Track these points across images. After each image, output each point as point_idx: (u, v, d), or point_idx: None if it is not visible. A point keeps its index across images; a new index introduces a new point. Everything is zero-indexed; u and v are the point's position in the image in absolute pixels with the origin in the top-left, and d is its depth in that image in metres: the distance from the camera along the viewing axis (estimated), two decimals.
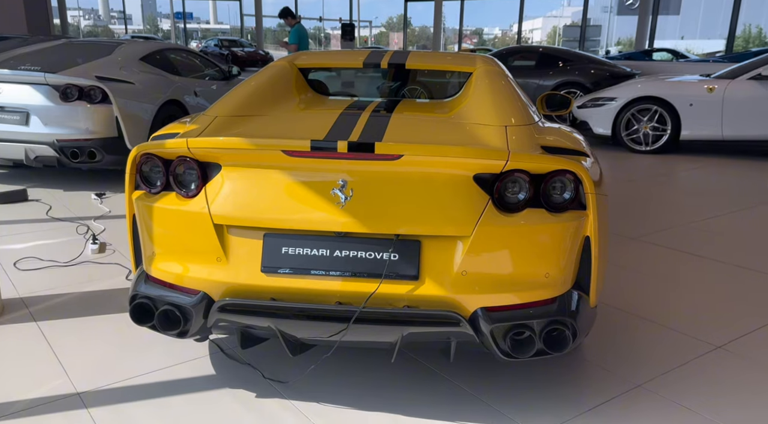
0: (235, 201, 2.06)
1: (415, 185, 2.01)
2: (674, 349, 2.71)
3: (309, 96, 2.98)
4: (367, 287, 2.00)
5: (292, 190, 2.04)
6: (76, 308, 3.01)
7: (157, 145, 2.15)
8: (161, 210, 2.15)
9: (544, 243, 2.05)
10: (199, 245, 2.09)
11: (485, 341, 2.04)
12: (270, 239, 2.05)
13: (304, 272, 2.03)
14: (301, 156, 2.01)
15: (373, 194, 2.01)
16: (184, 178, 2.15)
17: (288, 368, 2.48)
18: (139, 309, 2.18)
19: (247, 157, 2.06)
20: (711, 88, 7.14)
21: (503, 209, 2.03)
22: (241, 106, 2.54)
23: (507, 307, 2.04)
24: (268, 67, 3.01)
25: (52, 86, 5.11)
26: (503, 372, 2.48)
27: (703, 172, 6.69)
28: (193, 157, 2.11)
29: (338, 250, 2.03)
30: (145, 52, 6.08)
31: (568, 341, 2.07)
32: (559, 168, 2.03)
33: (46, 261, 3.63)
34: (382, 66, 3.04)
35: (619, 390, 2.38)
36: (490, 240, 2.00)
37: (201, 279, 2.09)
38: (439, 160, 1.99)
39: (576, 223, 2.08)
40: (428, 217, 1.99)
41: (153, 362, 2.51)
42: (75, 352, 2.59)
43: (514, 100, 2.55)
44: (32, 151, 5.16)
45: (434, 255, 2.01)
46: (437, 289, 2.00)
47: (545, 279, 2.06)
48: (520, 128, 2.28)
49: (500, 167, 1.99)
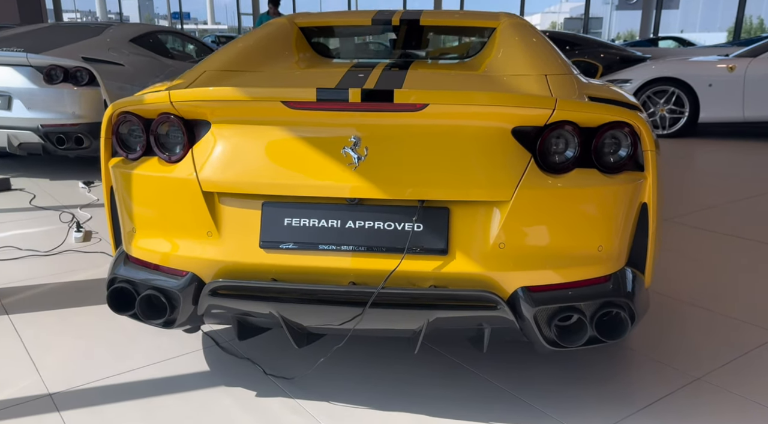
0: (227, 164, 1.73)
1: (443, 142, 1.68)
2: (732, 337, 2.38)
3: (309, 55, 2.64)
4: (385, 264, 1.67)
5: (295, 149, 1.71)
6: (54, 300, 2.68)
7: (135, 101, 1.83)
8: (141, 178, 1.82)
9: (597, 210, 1.72)
10: (186, 218, 1.76)
11: (527, 327, 1.71)
12: (270, 208, 1.72)
13: (310, 247, 1.70)
14: (306, 108, 1.67)
15: (392, 153, 1.68)
16: (168, 139, 1.82)
17: (293, 362, 2.15)
18: (117, 295, 1.86)
19: (241, 111, 1.73)
20: (731, 67, 6.80)
21: (548, 169, 1.69)
22: (233, 60, 2.20)
23: (553, 286, 1.71)
24: (265, 25, 2.67)
25: (36, 67, 4.78)
26: (540, 367, 2.15)
27: (725, 155, 6.35)
28: (178, 114, 1.77)
29: (351, 220, 1.70)
30: (135, 33, 5.74)
31: (625, 326, 1.74)
32: (615, 120, 1.70)
33: (24, 250, 3.30)
34: (393, 23, 2.70)
35: (677, 385, 2.05)
36: (532, 206, 1.67)
37: (189, 258, 1.76)
38: (470, 110, 1.66)
39: (633, 186, 1.75)
40: (458, 179, 1.66)
41: (138, 358, 2.18)
42: (49, 348, 2.27)
43: (549, 49, 2.22)
44: (15, 137, 4.83)
45: (466, 225, 1.68)
46: (470, 265, 1.67)
47: (598, 253, 1.73)
48: (563, 77, 1.95)
49: (545, 118, 1.66)
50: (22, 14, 16.26)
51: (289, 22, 2.68)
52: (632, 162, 1.76)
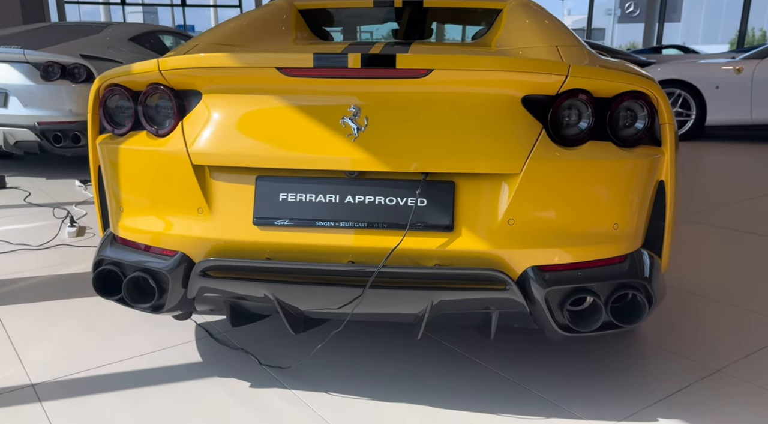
0: (219, 137, 1.63)
1: (448, 111, 1.58)
2: (751, 330, 2.27)
3: (307, 35, 2.55)
4: (387, 242, 1.57)
5: (291, 120, 1.61)
6: (42, 292, 2.58)
7: (123, 72, 1.74)
8: (129, 153, 1.72)
9: (612, 185, 1.61)
10: (175, 194, 1.66)
11: (537, 310, 1.60)
12: (264, 183, 1.62)
13: (307, 223, 1.59)
14: (302, 75, 1.58)
15: (394, 123, 1.58)
16: (157, 112, 1.72)
17: (289, 351, 2.04)
18: (104, 278, 1.75)
19: (234, 79, 1.63)
20: (739, 69, 6.71)
21: (560, 141, 1.59)
22: (227, 36, 2.11)
23: (565, 266, 1.60)
24: (263, 6, 2.58)
25: (32, 64, 4.70)
26: (548, 358, 2.03)
27: (734, 157, 6.24)
28: (167, 84, 1.68)
29: (350, 195, 1.59)
30: (134, 33, 5.68)
31: (642, 309, 1.63)
32: (630, 89, 1.60)
33: (15, 245, 3.20)
34: (396, 5, 2.61)
35: (696, 376, 1.94)
36: (543, 179, 1.56)
37: (178, 236, 1.65)
38: (477, 76, 1.56)
39: (649, 160, 1.64)
40: (464, 151, 1.56)
41: (127, 350, 2.08)
42: (34, 339, 2.16)
43: (559, 24, 2.12)
44: (11, 135, 4.75)
45: (473, 199, 1.58)
46: (477, 242, 1.56)
47: (613, 231, 1.62)
48: (574, 47, 1.85)
49: (557, 86, 1.56)
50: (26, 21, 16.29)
51: (287, 3, 2.59)
52: (649, 135, 1.66)
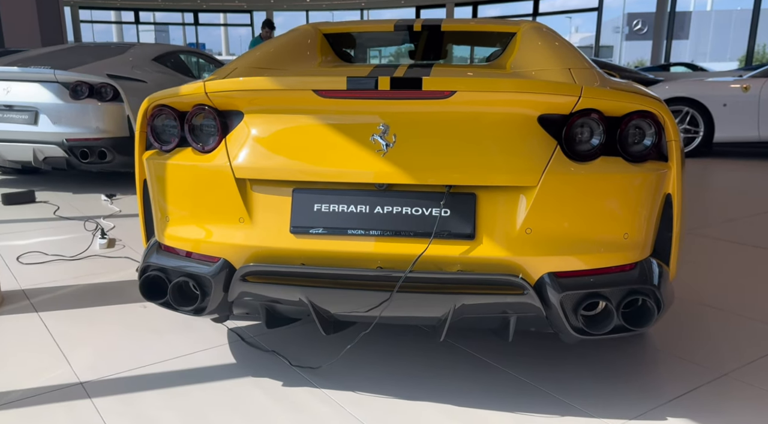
0: (259, 153, 1.78)
1: (470, 129, 1.72)
2: (757, 338, 2.37)
3: (331, 58, 2.71)
4: (413, 249, 1.70)
5: (326, 137, 1.76)
6: (81, 300, 2.73)
7: (170, 94, 1.89)
8: (176, 167, 1.87)
9: (622, 197, 1.75)
10: (218, 205, 1.81)
11: (553, 314, 1.73)
12: (300, 194, 1.76)
13: (339, 232, 1.73)
14: (336, 97, 1.73)
15: (420, 140, 1.72)
16: (202, 130, 1.88)
17: (318, 353, 2.17)
18: (150, 282, 1.90)
19: (273, 100, 1.78)
20: (746, 87, 6.84)
21: (574, 157, 1.73)
22: (262, 59, 2.28)
23: (579, 272, 1.73)
24: (290, 31, 2.75)
25: (62, 84, 4.91)
26: (562, 362, 2.15)
27: (742, 173, 6.34)
28: (212, 105, 1.83)
29: (379, 206, 1.73)
30: (158, 52, 5.89)
31: (652, 314, 1.75)
32: (639, 108, 1.74)
33: (50, 255, 3.36)
34: (415, 28, 2.77)
35: (704, 380, 2.04)
36: (559, 191, 1.70)
37: (221, 244, 1.80)
38: (497, 97, 1.71)
39: (657, 175, 1.77)
40: (485, 165, 1.70)
41: (164, 352, 2.21)
42: (78, 342, 2.30)
43: (571, 48, 2.27)
44: (41, 151, 4.94)
45: (493, 210, 1.71)
46: (497, 250, 1.69)
47: (624, 240, 1.75)
48: (586, 70, 2.00)
49: (570, 106, 1.70)
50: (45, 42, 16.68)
51: (313, 28, 2.76)
52: (656, 152, 1.79)
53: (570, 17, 34.37)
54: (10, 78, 4.97)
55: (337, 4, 29.76)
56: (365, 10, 30.69)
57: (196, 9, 31.17)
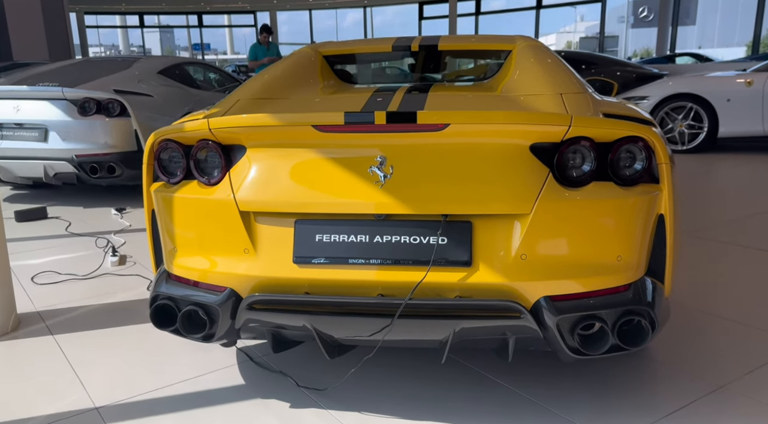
0: (262, 186, 1.84)
1: (464, 159, 1.78)
2: (755, 346, 2.42)
3: (333, 82, 2.78)
4: (412, 276, 1.76)
5: (325, 170, 1.82)
6: (94, 321, 2.81)
7: (175, 129, 1.96)
8: (182, 200, 1.94)
9: (615, 221, 1.80)
10: (224, 237, 1.87)
11: (550, 336, 1.78)
12: (302, 226, 1.83)
13: (341, 261, 1.80)
14: (334, 131, 1.79)
15: (416, 171, 1.78)
16: (206, 164, 1.94)
17: (324, 374, 2.23)
18: (160, 312, 1.96)
19: (274, 135, 1.85)
20: (749, 81, 6.83)
21: (566, 183, 1.78)
22: (264, 89, 2.34)
23: (574, 295, 1.78)
24: (291, 54, 2.81)
25: (70, 101, 5.00)
26: (563, 377, 2.21)
27: (747, 169, 6.35)
28: (216, 139, 1.90)
29: (379, 235, 1.79)
30: (163, 65, 5.97)
31: (646, 333, 1.80)
32: (629, 135, 1.78)
33: (64, 275, 3.44)
34: (413, 49, 2.83)
35: (700, 393, 2.09)
36: (552, 218, 1.75)
37: (227, 274, 1.87)
38: (489, 128, 1.76)
39: (649, 197, 1.82)
40: (480, 194, 1.75)
41: (176, 374, 2.29)
42: (93, 365, 2.38)
43: (564, 69, 2.32)
44: (51, 168, 5.04)
45: (488, 237, 1.77)
46: (493, 276, 1.75)
47: (617, 263, 1.80)
48: (577, 95, 2.04)
49: (561, 134, 1.75)
50: (51, 49, 16.84)
51: (313, 51, 2.82)
52: (647, 175, 1.83)
53: (575, 7, 34.11)
54: (19, 96, 5.06)
55: (340, 2, 29.76)
56: (368, 8, 30.68)
57: (199, 11, 31.32)
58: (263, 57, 9.46)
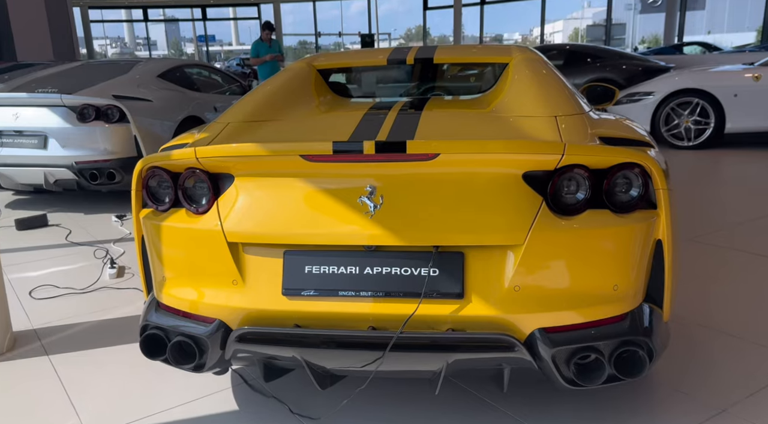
0: (250, 216, 1.81)
1: (455, 188, 1.74)
2: (758, 365, 2.37)
3: (329, 98, 2.74)
4: (404, 309, 1.73)
5: (314, 200, 1.78)
6: (90, 339, 2.79)
7: (163, 157, 1.92)
8: (170, 229, 1.91)
9: (611, 250, 1.75)
10: (212, 267, 1.84)
11: (545, 367, 1.75)
12: (291, 257, 1.79)
13: (330, 293, 1.76)
14: (323, 161, 1.75)
15: (407, 201, 1.74)
16: (194, 192, 1.91)
17: (318, 400, 2.21)
18: (150, 341, 1.94)
19: (262, 165, 1.81)
20: (757, 76, 6.72)
21: (560, 212, 1.73)
22: (255, 111, 2.30)
23: (570, 327, 1.74)
24: (285, 70, 2.77)
25: (69, 107, 4.97)
26: (563, 400, 2.17)
27: (754, 167, 6.26)
28: (203, 168, 1.86)
29: (369, 267, 1.76)
30: (162, 69, 5.93)
31: (644, 364, 1.76)
32: (624, 161, 1.73)
33: (62, 288, 3.43)
34: (408, 62, 2.77)
35: (701, 417, 2.06)
36: (546, 248, 1.71)
37: (216, 305, 1.84)
38: (480, 157, 1.72)
39: (646, 224, 1.77)
40: (472, 224, 1.71)
41: (171, 398, 2.27)
42: (87, 389, 2.36)
43: (560, 88, 2.26)
44: (51, 174, 5.02)
45: (481, 269, 1.73)
46: (486, 308, 1.71)
47: (614, 292, 1.76)
48: (572, 118, 1.99)
49: (555, 163, 1.70)
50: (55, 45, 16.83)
51: (307, 65, 2.77)
52: (644, 201, 1.79)
53: None
54: (18, 103, 5.05)
55: None
56: None
57: (203, 4, 31.19)
58: (265, 54, 9.41)
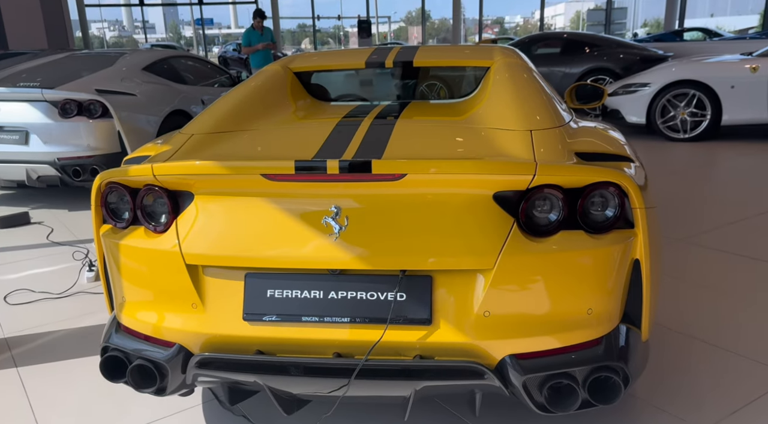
0: (210, 236, 1.73)
1: (423, 210, 1.66)
2: (742, 379, 2.31)
3: (307, 102, 2.65)
4: (369, 335, 1.66)
5: (277, 220, 1.70)
6: (62, 350, 2.73)
7: (120, 172, 1.84)
8: (128, 248, 1.83)
9: (585, 272, 1.68)
10: (171, 290, 1.77)
11: (517, 393, 1.68)
12: (252, 280, 1.72)
13: (293, 318, 1.69)
14: (285, 180, 1.67)
15: (373, 222, 1.66)
16: (153, 209, 1.83)
17: (289, 419, 2.15)
18: (110, 363, 1.87)
19: (222, 183, 1.73)
20: (754, 67, 6.61)
21: (532, 233, 1.66)
22: (223, 120, 2.21)
23: (542, 353, 1.67)
24: (259, 73, 2.67)
25: (51, 102, 4.87)
26: (541, 418, 2.11)
27: (750, 160, 6.17)
28: (161, 185, 1.78)
29: (333, 291, 1.69)
30: (148, 61, 5.82)
31: (618, 389, 1.69)
32: (599, 180, 1.65)
33: (38, 293, 3.37)
34: (387, 65, 2.68)
35: None
36: (517, 272, 1.63)
37: (175, 330, 1.77)
38: (449, 178, 1.64)
39: (622, 245, 1.70)
40: (440, 247, 1.64)
41: (141, 415, 2.21)
42: (54, 404, 2.30)
43: (539, 98, 2.17)
44: (33, 171, 4.94)
45: (449, 293, 1.66)
46: (455, 334, 1.64)
47: (587, 316, 1.69)
48: (548, 132, 1.91)
49: (526, 183, 1.62)
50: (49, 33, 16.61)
51: (283, 68, 2.68)
52: (621, 220, 1.71)
53: None
54: None
55: None
56: None
57: None
58: (257, 42, 9.27)
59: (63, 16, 17.48)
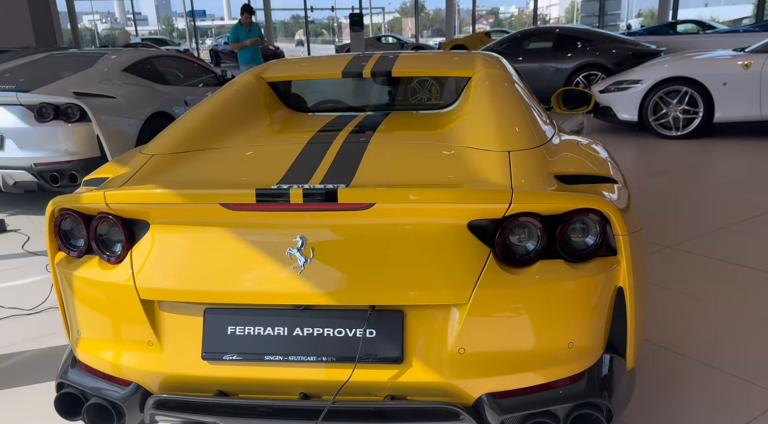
0: (166, 269, 1.62)
1: (393, 240, 1.55)
2: (733, 401, 2.22)
3: (282, 114, 2.53)
4: (337, 374, 1.56)
5: (238, 253, 1.59)
6: (26, 373, 2.62)
7: (73, 199, 1.73)
8: (82, 280, 1.72)
9: (565, 304, 1.58)
10: (126, 326, 1.66)
11: None
12: (212, 316, 1.61)
13: (256, 357, 1.59)
14: (246, 209, 1.56)
15: (340, 254, 1.56)
16: (108, 238, 1.72)
17: None
18: (66, 400, 1.77)
19: (179, 212, 1.62)
20: (747, 64, 6.51)
21: (509, 264, 1.56)
22: (188, 138, 2.09)
23: (520, 391, 1.58)
24: (230, 84, 2.55)
25: (26, 106, 4.73)
26: None
27: (742, 159, 6.08)
28: (115, 213, 1.67)
29: (298, 328, 1.58)
30: (128, 62, 5.67)
31: None
32: (578, 207, 1.55)
33: (7, 309, 3.25)
34: (364, 75, 2.56)
35: None
36: (493, 306, 1.54)
37: (132, 368, 1.66)
38: (420, 207, 1.53)
39: (605, 274, 1.60)
40: (411, 280, 1.53)
41: None
42: None
43: (519, 114, 2.06)
44: (10, 177, 4.81)
45: (422, 329, 1.56)
46: (428, 373, 1.54)
47: (568, 351, 1.59)
48: (527, 153, 1.80)
49: (502, 211, 1.52)
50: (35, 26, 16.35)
51: (256, 78, 2.56)
52: (603, 248, 1.61)
53: None
54: None
55: None
56: None
57: None
58: (245, 38, 9.12)
59: (49, 8, 17.19)
